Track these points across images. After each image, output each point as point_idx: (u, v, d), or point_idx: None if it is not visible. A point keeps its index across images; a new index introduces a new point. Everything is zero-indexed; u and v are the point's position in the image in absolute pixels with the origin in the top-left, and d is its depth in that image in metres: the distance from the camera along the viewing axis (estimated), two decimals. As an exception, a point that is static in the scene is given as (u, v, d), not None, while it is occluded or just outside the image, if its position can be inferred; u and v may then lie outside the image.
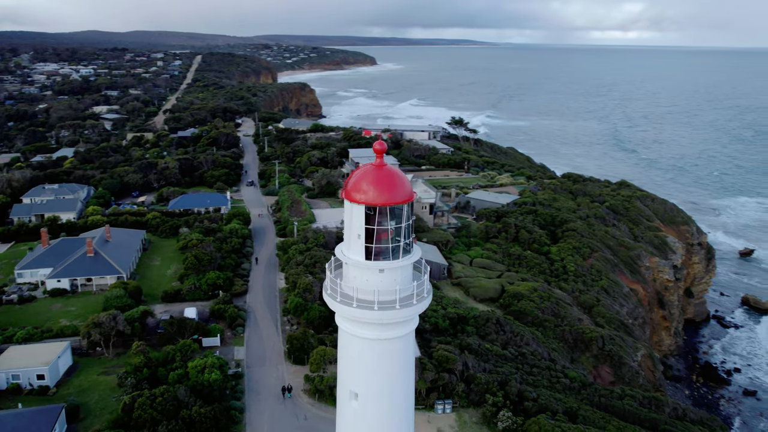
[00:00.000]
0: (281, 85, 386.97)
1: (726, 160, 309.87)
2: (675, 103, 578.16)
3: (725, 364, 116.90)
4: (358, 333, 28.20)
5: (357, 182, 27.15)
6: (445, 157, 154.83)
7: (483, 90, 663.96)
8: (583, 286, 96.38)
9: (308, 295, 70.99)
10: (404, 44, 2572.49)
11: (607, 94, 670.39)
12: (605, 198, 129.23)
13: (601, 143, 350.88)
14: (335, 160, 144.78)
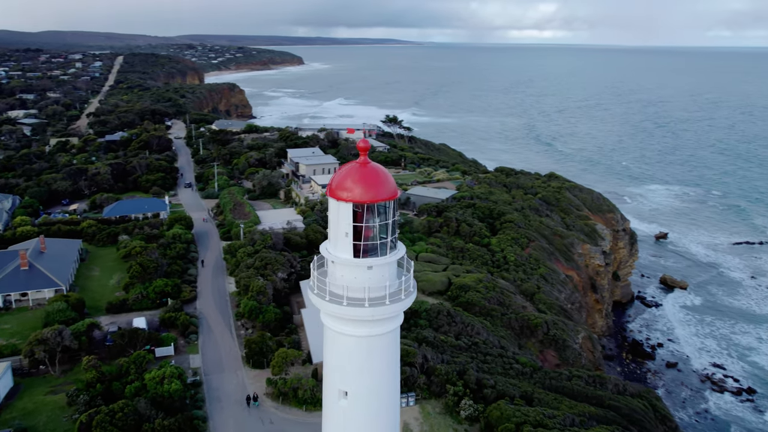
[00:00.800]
0: (210, 86, 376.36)
1: (633, 151, 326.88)
2: (586, 98, 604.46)
3: (650, 341, 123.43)
4: (347, 331, 27.64)
5: (342, 180, 26.59)
6: (382, 154, 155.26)
7: (408, 88, 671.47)
8: (523, 274, 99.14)
9: (262, 298, 69.40)
10: (330, 44, 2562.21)
11: (525, 90, 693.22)
12: (537, 190, 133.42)
13: (521, 138, 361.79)
14: (274, 160, 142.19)
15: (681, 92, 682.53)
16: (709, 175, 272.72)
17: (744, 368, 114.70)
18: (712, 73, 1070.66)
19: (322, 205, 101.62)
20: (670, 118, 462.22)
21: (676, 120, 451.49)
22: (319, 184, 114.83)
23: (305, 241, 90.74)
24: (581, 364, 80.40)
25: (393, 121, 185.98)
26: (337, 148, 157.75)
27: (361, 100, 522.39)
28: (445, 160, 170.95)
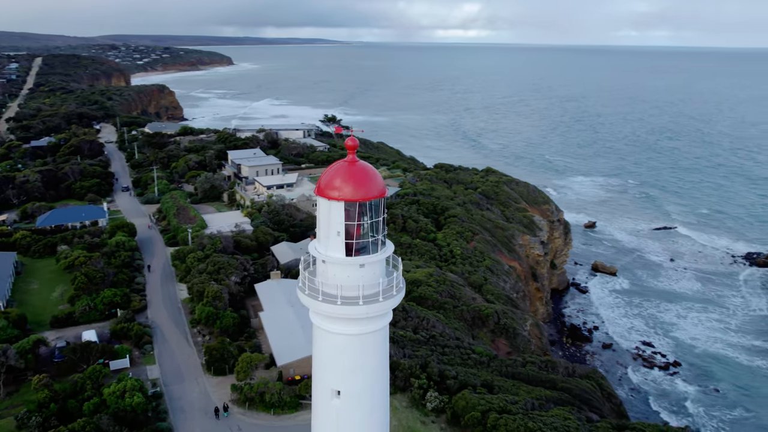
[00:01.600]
0: (138, 88, 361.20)
1: (555, 145, 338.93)
2: (509, 95, 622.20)
3: (586, 324, 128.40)
4: (339, 330, 27.09)
5: (331, 179, 26.07)
6: (323, 154, 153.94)
7: (338, 87, 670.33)
8: (470, 267, 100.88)
9: (218, 303, 67.31)
10: (259, 44, 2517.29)
11: (452, 88, 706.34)
12: (477, 185, 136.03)
13: (450, 135, 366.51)
14: (214, 163, 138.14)
15: (595, 88, 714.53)
16: (624, 165, 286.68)
17: (668, 344, 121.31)
18: (621, 71, 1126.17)
19: (270, 207, 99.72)
20: (587, 113, 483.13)
21: (592, 115, 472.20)
22: (264, 186, 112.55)
23: (255, 243, 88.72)
24: (531, 350, 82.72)
25: (332, 121, 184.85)
26: (277, 149, 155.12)
27: (293, 100, 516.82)
28: (385, 158, 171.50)
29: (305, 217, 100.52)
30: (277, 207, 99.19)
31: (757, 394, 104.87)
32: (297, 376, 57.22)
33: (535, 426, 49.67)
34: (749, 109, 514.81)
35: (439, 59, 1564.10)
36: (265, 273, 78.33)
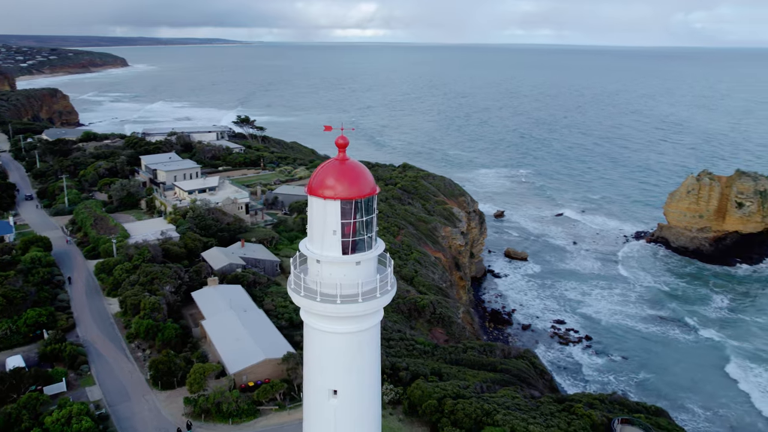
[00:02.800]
0: (26, 92, 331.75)
1: (455, 139, 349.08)
2: (406, 92, 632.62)
3: (505, 308, 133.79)
4: (337, 329, 26.63)
5: (323, 178, 25.55)
6: (240, 156, 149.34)
7: (238, 87, 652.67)
8: (400, 261, 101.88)
9: (158, 315, 63.61)
10: (153, 44, 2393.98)
11: (351, 86, 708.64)
12: (396, 180, 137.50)
13: (352, 133, 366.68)
14: (126, 169, 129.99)
15: (485, 84, 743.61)
16: (518, 156, 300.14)
17: (579, 320, 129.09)
18: (509, 67, 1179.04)
19: (195, 212, 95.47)
20: (478, 107, 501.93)
21: (484, 109, 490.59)
22: (185, 191, 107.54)
23: (184, 250, 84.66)
24: (465, 336, 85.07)
25: (245, 122, 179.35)
26: (192, 152, 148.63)
27: (195, 102, 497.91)
28: (302, 158, 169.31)
29: (232, 220, 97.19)
30: (202, 212, 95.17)
31: (656, 357, 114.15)
32: (251, 382, 55.37)
33: (489, 407, 51.20)
34: (620, 101, 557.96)
35: (338, 58, 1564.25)
36: (201, 280, 75.04)
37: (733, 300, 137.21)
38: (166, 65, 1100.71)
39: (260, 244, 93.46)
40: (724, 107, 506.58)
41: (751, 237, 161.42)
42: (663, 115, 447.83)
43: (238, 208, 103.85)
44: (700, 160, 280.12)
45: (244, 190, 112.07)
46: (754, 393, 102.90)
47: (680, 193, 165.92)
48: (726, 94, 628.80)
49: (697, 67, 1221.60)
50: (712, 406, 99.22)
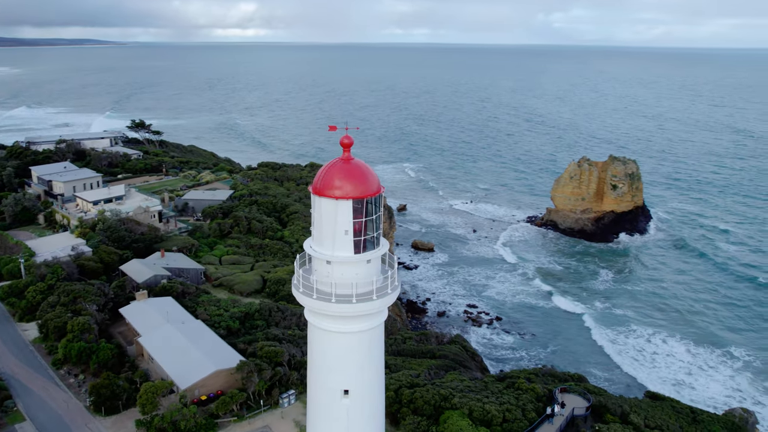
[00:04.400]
0: None
1: (339, 136, 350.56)
2: (288, 91, 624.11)
3: (419, 298, 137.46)
4: (349, 329, 26.56)
5: (331, 179, 25.48)
6: (140, 162, 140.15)
7: (112, 90, 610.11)
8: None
9: (89, 336, 58.62)
10: (15, 45, 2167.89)
11: (233, 86, 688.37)
12: (307, 179, 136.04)
13: (234, 135, 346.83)
14: (14, 181, 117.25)
15: (366, 82, 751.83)
16: (400, 151, 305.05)
17: (488, 303, 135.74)
18: (388, 65, 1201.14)
19: (105, 224, 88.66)
20: (359, 105, 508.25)
21: (365, 107, 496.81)
22: (89, 202, 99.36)
23: (101, 265, 78.54)
24: (397, 328, 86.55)
25: (141, 126, 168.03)
26: (86, 160, 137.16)
27: (71, 107, 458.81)
28: (204, 162, 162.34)
29: (146, 230, 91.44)
30: (113, 223, 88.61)
31: (558, 330, 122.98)
32: (203, 396, 52.86)
33: (445, 392, 52.84)
34: (492, 95, 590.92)
35: (220, 58, 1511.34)
36: (127, 295, 70.10)
37: (618, 272, 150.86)
38: (29, 68, 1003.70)
39: (180, 252, 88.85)
40: (578, 100, 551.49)
41: (624, 215, 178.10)
42: (531, 108, 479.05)
43: (151, 216, 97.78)
44: (570, 149, 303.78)
45: (155, 197, 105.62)
46: (633, 354, 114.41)
47: (564, 178, 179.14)
48: (578, 87, 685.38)
49: (557, 64, 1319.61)
50: (609, 367, 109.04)
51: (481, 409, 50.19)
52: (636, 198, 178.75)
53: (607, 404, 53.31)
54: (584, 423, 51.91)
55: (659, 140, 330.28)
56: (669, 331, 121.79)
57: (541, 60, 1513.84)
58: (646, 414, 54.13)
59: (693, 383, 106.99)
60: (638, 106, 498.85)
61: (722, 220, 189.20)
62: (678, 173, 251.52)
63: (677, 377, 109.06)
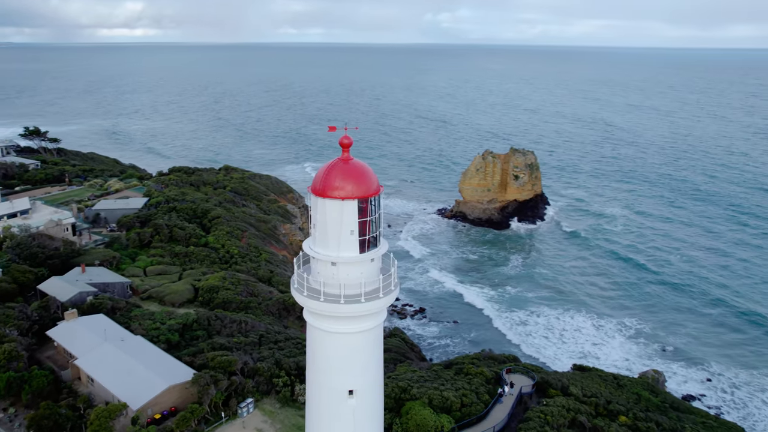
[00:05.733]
0: None
1: (240, 139, 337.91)
2: (180, 93, 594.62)
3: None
4: (355, 329, 26.59)
5: (335, 179, 25.37)
6: (39, 172, 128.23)
7: None
8: (252, 263, 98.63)
9: (18, 364, 53.24)
10: None
11: (119, 88, 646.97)
12: (224, 183, 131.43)
13: (123, 141, 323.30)
14: None
15: (260, 82, 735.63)
16: (306, 150, 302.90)
17: (408, 295, 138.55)
18: (283, 65, 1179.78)
19: (13, 241, 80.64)
20: (256, 105, 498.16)
21: (261, 107, 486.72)
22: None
23: (15, 285, 71.42)
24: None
25: (35, 134, 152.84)
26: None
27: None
28: (108, 169, 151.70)
29: (61, 245, 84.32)
30: (23, 239, 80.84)
31: (476, 316, 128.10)
32: (157, 415, 49.92)
33: (403, 384, 53.64)
34: (385, 93, 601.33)
35: (105, 59, 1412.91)
36: (51, 317, 64.35)
37: (525, 258, 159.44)
38: None
39: (102, 266, 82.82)
40: (467, 96, 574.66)
41: (526, 203, 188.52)
42: (423, 105, 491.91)
43: (64, 230, 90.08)
44: (465, 143, 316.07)
45: (64, 209, 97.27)
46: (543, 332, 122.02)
47: (470, 171, 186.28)
48: (466, 84, 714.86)
49: (445, 62, 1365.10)
50: (527, 346, 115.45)
51: (440, 396, 51.52)
52: (536, 186, 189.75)
53: (549, 380, 56.64)
54: (531, 399, 54.81)
55: (546, 133, 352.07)
56: (575, 309, 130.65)
57: (431, 58, 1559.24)
58: (582, 385, 58.15)
59: (597, 353, 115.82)
60: (522, 101, 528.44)
61: (608, 204, 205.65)
62: (563, 162, 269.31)
63: (584, 349, 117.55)
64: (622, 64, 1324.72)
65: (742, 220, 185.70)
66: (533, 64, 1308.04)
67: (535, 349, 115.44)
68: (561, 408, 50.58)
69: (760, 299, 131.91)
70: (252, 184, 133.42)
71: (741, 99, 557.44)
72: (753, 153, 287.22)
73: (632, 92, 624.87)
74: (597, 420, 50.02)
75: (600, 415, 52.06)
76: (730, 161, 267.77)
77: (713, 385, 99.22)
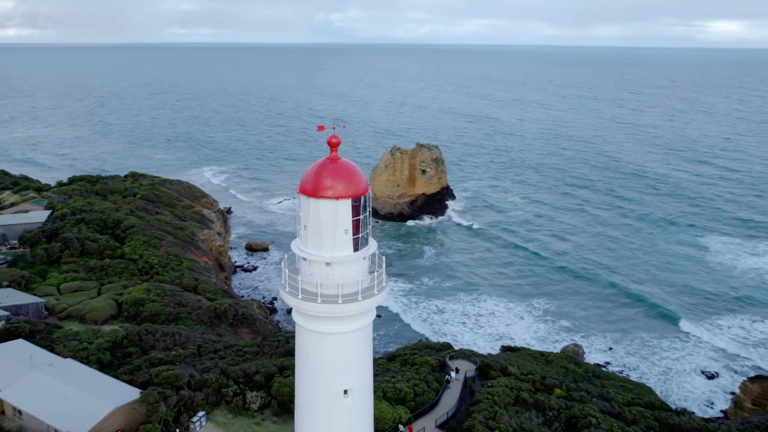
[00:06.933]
0: None
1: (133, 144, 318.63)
2: (57, 97, 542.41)
3: (266, 299, 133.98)
4: (350, 328, 26.70)
5: (326, 179, 25.40)
6: None
7: None
8: (174, 272, 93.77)
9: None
10: None
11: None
12: (134, 190, 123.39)
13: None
14: None
15: (144, 84, 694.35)
16: (201, 155, 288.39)
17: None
18: (170, 66, 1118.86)
19: None
20: (144, 107, 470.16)
21: (151, 108, 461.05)
22: None
23: None
24: (269, 330, 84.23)
25: None
26: None
27: None
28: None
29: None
30: None
31: (399, 308, 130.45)
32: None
33: (356, 381, 53.74)
34: (280, 93, 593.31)
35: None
36: (-40, 346, 57.38)
37: (437, 249, 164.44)
38: None
39: (10, 287, 75.06)
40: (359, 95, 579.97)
41: (434, 196, 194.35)
42: (318, 106, 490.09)
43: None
44: (363, 141, 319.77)
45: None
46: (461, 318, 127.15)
47: (380, 167, 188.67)
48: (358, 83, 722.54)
49: (338, 61, 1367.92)
50: (446, 331, 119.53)
51: (394, 388, 52.33)
52: (442, 180, 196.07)
53: (489, 363, 59.35)
54: (474, 383, 57.17)
55: (441, 128, 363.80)
56: (487, 294, 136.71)
57: (324, 58, 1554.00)
58: (518, 364, 61.53)
59: (511, 333, 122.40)
60: (415, 99, 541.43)
61: (505, 195, 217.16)
62: (460, 156, 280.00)
63: (499, 331, 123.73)
64: (505, 62, 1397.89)
65: (619, 203, 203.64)
66: (422, 62, 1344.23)
67: (452, 337, 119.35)
68: (505, 387, 53.24)
69: (642, 276, 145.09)
70: (164, 191, 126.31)
71: (611, 92, 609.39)
72: (625, 142, 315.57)
73: (515, 87, 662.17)
74: (537, 395, 53.18)
75: (538, 390, 55.39)
76: (605, 151, 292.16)
77: (614, 353, 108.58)
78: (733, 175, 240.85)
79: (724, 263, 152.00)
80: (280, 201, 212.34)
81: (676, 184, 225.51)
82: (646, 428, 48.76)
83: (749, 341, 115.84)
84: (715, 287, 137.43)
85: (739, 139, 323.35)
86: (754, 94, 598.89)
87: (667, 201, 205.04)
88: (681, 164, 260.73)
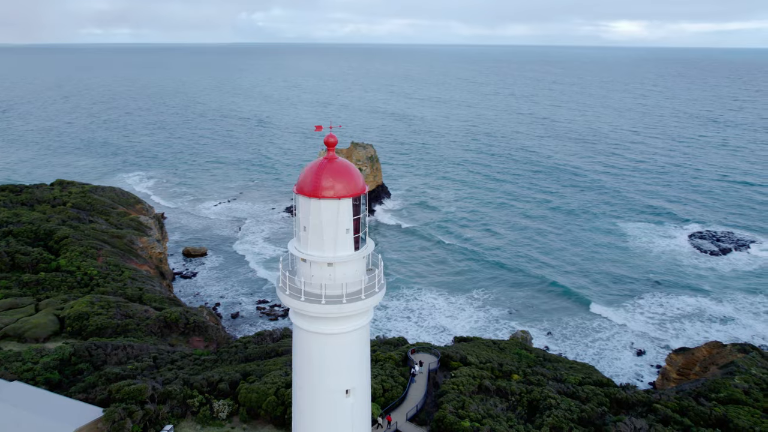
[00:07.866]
0: None
1: (50, 153, 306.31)
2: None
3: (208, 304, 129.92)
4: (351, 327, 26.76)
5: (325, 179, 25.27)
6: None
7: None
8: (115, 283, 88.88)
9: None
10: None
11: None
12: (63, 199, 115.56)
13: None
14: None
15: (57, 86, 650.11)
16: (121, 161, 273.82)
17: (274, 296, 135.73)
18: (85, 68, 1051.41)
19: None
20: (54, 111, 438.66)
21: (62, 112, 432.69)
22: None
23: None
24: (222, 336, 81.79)
25: None
26: None
27: None
28: None
29: None
30: None
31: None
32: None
33: (324, 382, 53.42)
34: (200, 93, 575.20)
35: None
36: None
37: (376, 246, 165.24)
38: None
39: (-65, 309, 68.44)
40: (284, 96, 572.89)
41: (370, 194, 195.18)
42: (244, 106, 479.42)
43: None
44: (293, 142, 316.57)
45: None
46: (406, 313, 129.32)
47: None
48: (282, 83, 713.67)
49: (260, 61, 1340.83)
50: (396, 330, 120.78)
51: (363, 386, 52.45)
52: (377, 177, 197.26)
53: (449, 354, 60.77)
54: (437, 375, 58.39)
55: (369, 127, 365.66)
56: (426, 288, 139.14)
57: (248, 58, 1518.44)
58: (475, 353, 63.40)
59: (455, 324, 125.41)
60: (339, 98, 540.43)
61: (437, 191, 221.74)
62: (389, 154, 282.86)
63: (442, 323, 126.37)
64: (425, 60, 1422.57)
65: (543, 197, 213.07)
66: (346, 61, 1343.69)
67: (396, 332, 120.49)
68: (468, 377, 54.76)
69: (567, 266, 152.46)
70: (96, 198, 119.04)
71: (527, 89, 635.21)
72: (544, 137, 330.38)
73: (436, 86, 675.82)
74: (498, 382, 55.11)
75: (498, 377, 57.38)
76: (525, 146, 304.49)
77: (553, 337, 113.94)
78: (642, 165, 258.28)
79: (641, 247, 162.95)
80: (215, 204, 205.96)
81: (592, 177, 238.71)
82: (599, 404, 51.73)
83: (666, 317, 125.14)
84: (633, 270, 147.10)
85: (645, 132, 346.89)
86: (653, 89, 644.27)
87: (587, 192, 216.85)
88: (595, 156, 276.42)
